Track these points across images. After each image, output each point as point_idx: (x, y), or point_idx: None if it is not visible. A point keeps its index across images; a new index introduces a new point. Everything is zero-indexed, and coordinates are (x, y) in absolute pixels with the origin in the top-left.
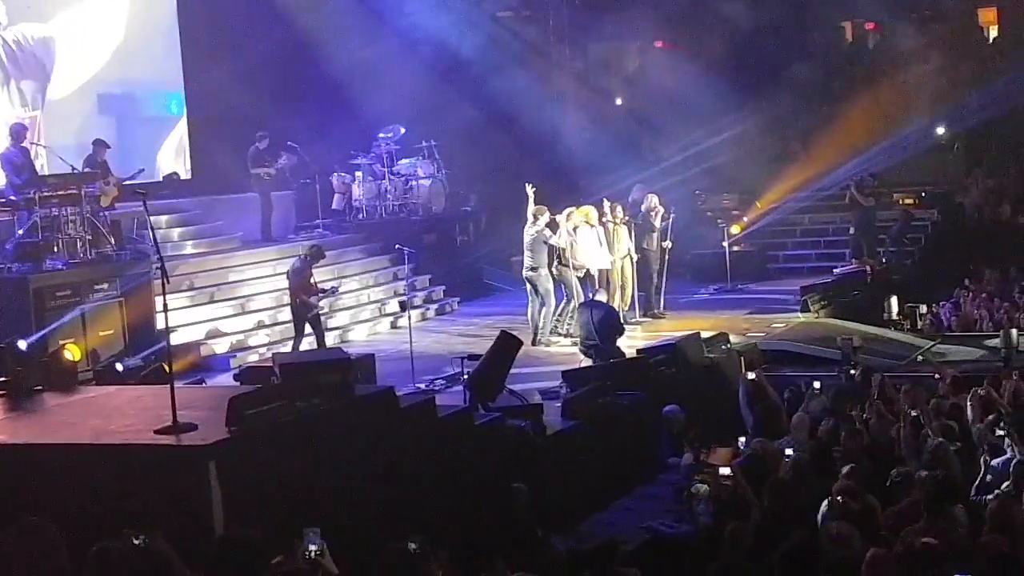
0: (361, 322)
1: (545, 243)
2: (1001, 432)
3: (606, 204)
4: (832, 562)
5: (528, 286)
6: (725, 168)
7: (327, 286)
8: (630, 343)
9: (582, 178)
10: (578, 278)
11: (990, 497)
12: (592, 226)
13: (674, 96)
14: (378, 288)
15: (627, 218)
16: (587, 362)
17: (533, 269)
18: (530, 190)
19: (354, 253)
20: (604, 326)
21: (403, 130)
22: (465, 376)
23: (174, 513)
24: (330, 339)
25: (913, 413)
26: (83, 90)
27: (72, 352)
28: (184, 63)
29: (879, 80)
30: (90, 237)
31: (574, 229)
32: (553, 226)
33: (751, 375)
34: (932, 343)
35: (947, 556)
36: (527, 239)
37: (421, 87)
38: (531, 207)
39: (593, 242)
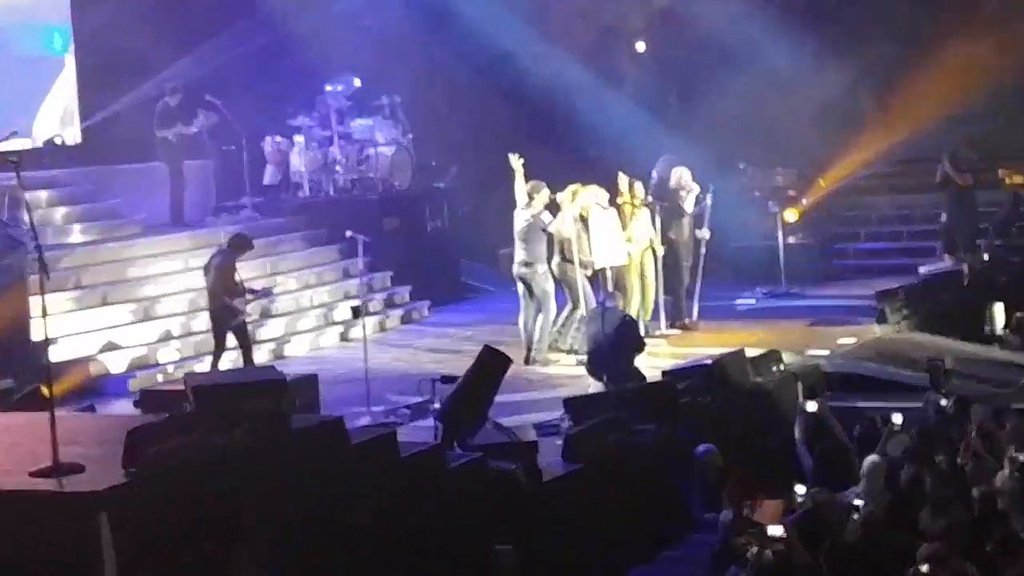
0: (302, 333)
1: (543, 231)
2: None
3: (622, 181)
4: None
5: (520, 287)
6: (779, 135)
7: (257, 286)
8: (652, 363)
9: (592, 148)
10: (586, 277)
11: None
12: (604, 209)
13: (712, 40)
14: (324, 288)
15: (649, 199)
16: (596, 387)
17: (527, 265)
18: (516, 161)
19: (293, 242)
20: (619, 340)
21: (358, 82)
22: (437, 405)
23: None
24: (260, 355)
25: (1022, 457)
26: None
27: None
28: None
29: (984, 23)
30: None
31: (580, 214)
32: (553, 209)
33: (811, 406)
34: None
35: None
36: (519, 226)
37: (384, 26)
38: (521, 184)
39: (606, 230)
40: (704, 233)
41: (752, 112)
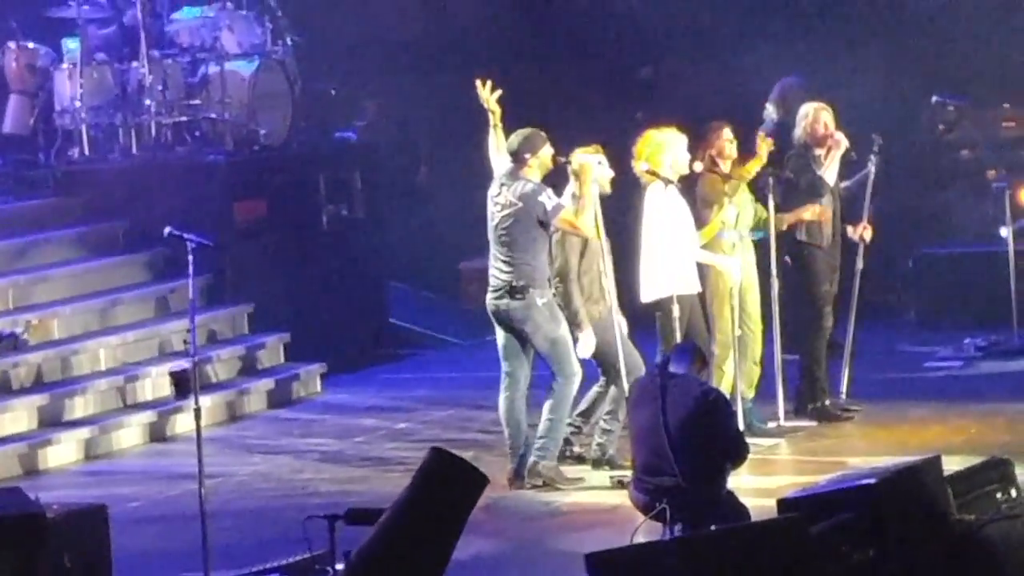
0: (77, 423)
1: (542, 226)
2: None
3: (717, 132)
4: None
5: (501, 336)
6: (1005, 48)
7: None
8: (762, 484)
9: (646, 56)
10: (620, 318)
11: None
12: (666, 187)
13: None
14: (119, 337)
15: (765, 167)
16: (651, 530)
17: (514, 293)
18: (487, 92)
19: (57, 246)
20: (695, 439)
21: None
22: (339, 567)
23: None
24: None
25: None
26: None
27: None
28: None
29: None
30: None
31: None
32: (562, 185)
33: None
34: None
35: None
36: (498, 217)
37: None
38: (498, 139)
39: (668, 229)
40: (865, 230)
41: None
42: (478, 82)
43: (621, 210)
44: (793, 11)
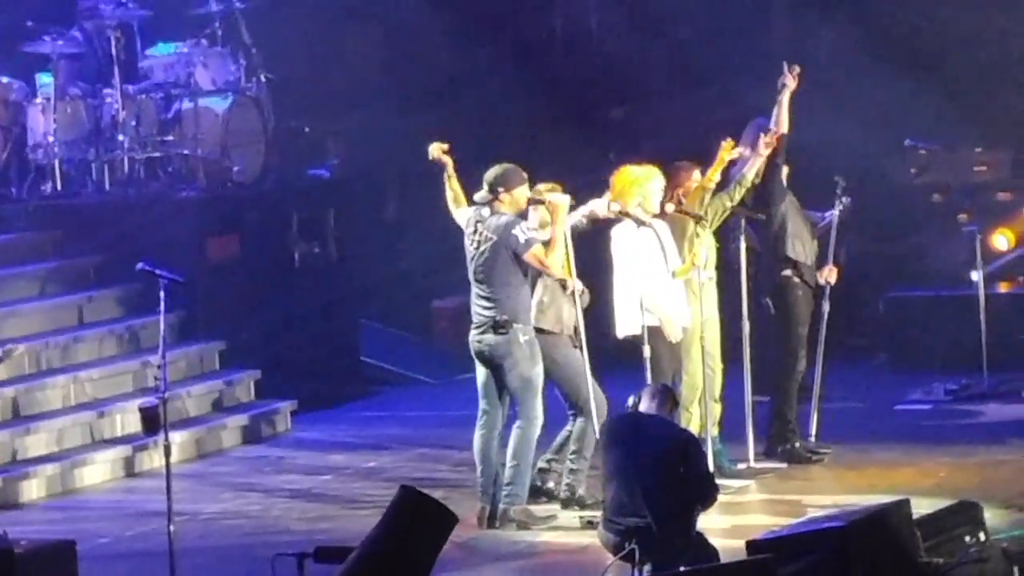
0: (46, 458)
1: (516, 260)
2: None
3: (684, 172)
4: None
5: (481, 374)
6: (985, 86)
7: None
8: (731, 524)
9: (618, 96)
10: (578, 350)
11: None
12: (643, 224)
13: None
14: (89, 373)
15: (728, 202)
16: (621, 570)
17: (496, 329)
18: (440, 152)
19: (27, 282)
20: (666, 479)
21: None
22: None
23: None
24: None
25: None
26: None
27: None
28: None
29: None
30: None
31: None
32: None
33: None
34: None
35: None
36: (474, 251)
37: None
38: (452, 193)
39: (647, 260)
40: (830, 273)
41: (931, 45)
42: (433, 147)
43: (597, 247)
44: (766, 52)
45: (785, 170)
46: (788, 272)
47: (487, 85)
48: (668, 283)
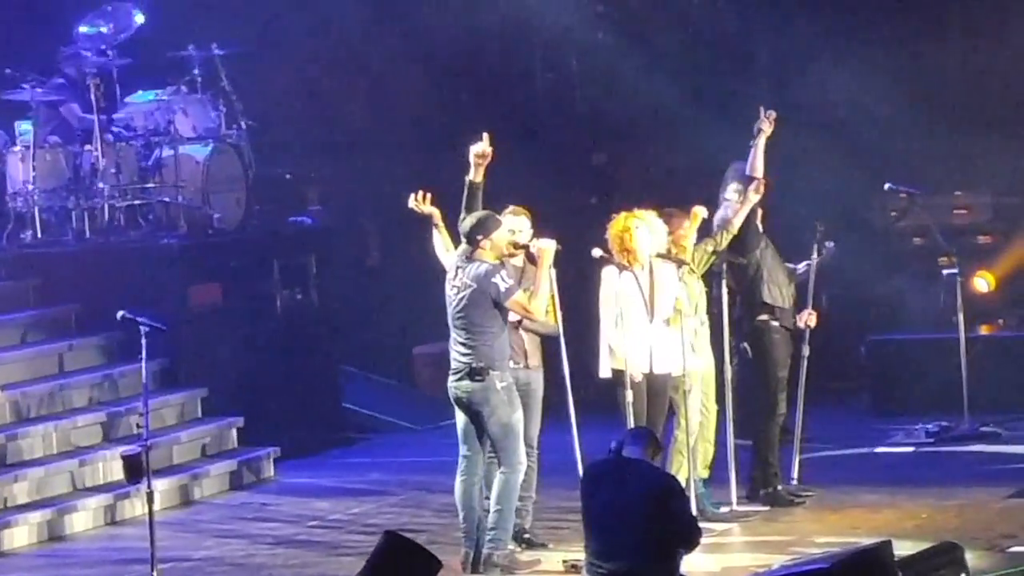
0: (28, 506)
1: (497, 308)
2: None
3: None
4: None
5: (460, 420)
6: (962, 131)
7: None
8: (715, 566)
9: (601, 140)
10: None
11: None
12: (622, 267)
13: None
14: (71, 421)
15: (713, 247)
16: None
17: (474, 375)
18: (424, 205)
19: (12, 329)
20: (649, 524)
21: (141, 18)
22: None
23: None
24: None
25: None
26: None
27: None
28: None
29: None
30: None
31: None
32: (520, 271)
33: None
34: None
35: None
36: (455, 299)
37: None
38: (443, 240)
39: (643, 303)
40: (809, 317)
41: (911, 89)
42: (412, 196)
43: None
44: (745, 96)
45: (759, 213)
46: (765, 316)
47: (470, 131)
48: (644, 328)
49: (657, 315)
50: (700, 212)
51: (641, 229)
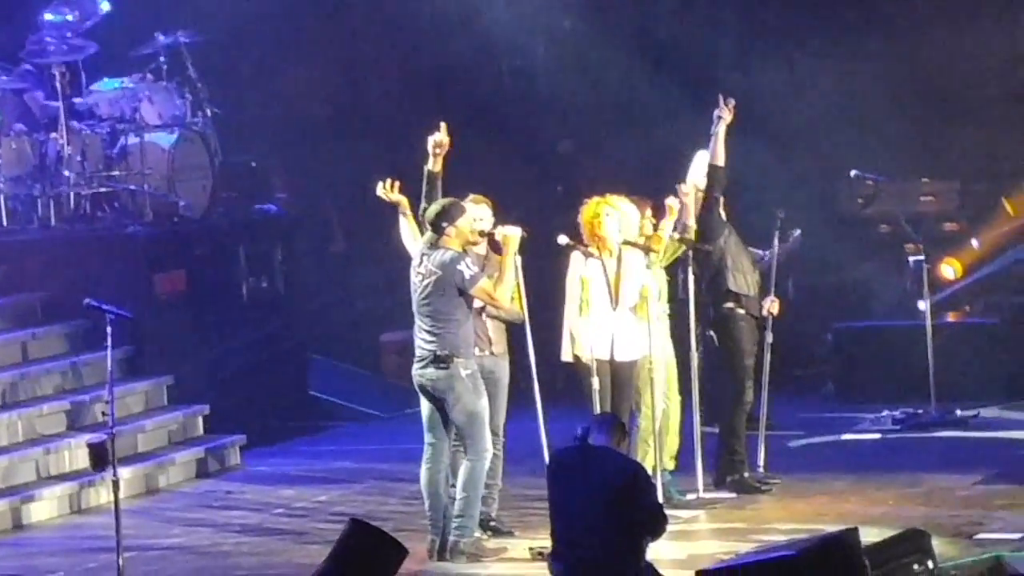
0: None
1: (462, 295)
2: None
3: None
4: None
5: (425, 408)
6: (929, 119)
7: None
8: (680, 554)
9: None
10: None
11: None
12: (588, 253)
13: None
14: (36, 409)
15: (677, 235)
16: None
17: (438, 363)
18: (391, 193)
19: None
20: (615, 511)
21: (106, 6)
22: None
23: None
24: None
25: None
26: None
27: None
28: None
29: None
30: None
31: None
32: (484, 259)
33: None
34: None
35: None
36: (420, 287)
37: None
38: (410, 227)
39: (607, 289)
40: (772, 304)
41: (879, 76)
42: (379, 184)
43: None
44: (710, 83)
45: (722, 201)
46: (731, 304)
47: (433, 119)
48: (607, 315)
49: (621, 303)
50: (674, 205)
51: (612, 216)
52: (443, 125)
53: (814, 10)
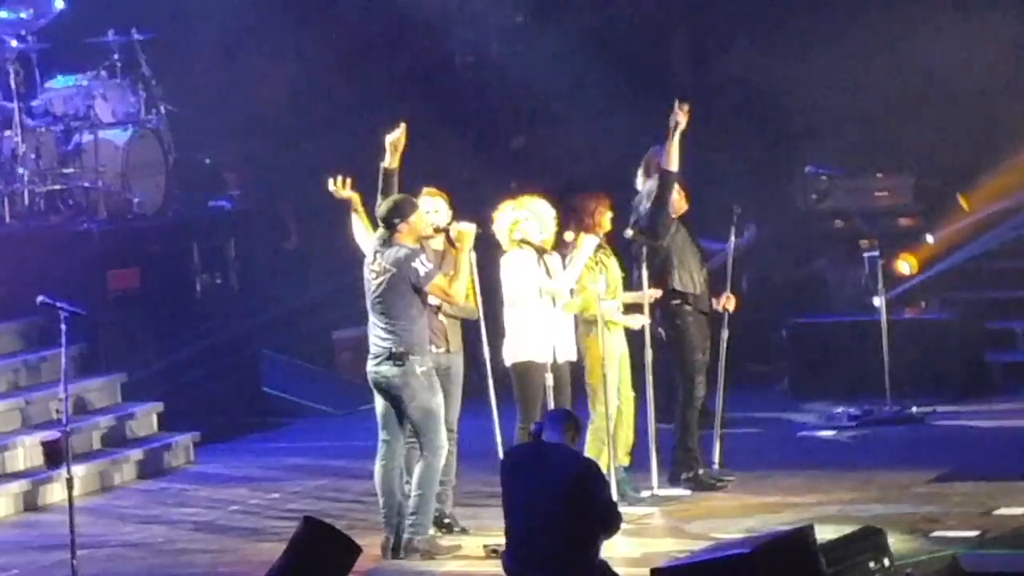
0: None
1: (416, 292)
2: None
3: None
4: None
5: (379, 404)
6: (883, 114)
7: None
8: (635, 552)
9: (519, 124)
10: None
11: None
12: (542, 252)
13: None
14: None
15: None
16: None
17: (393, 360)
18: (343, 190)
19: None
20: (568, 509)
21: (61, 3)
22: None
23: None
24: None
25: None
26: None
27: None
28: None
29: None
30: None
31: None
32: (441, 255)
33: None
34: None
35: None
36: (373, 284)
37: None
38: (362, 225)
39: (536, 288)
40: (728, 302)
41: (833, 72)
42: (331, 181)
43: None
44: (665, 79)
45: (681, 201)
46: (677, 301)
47: (387, 114)
48: (545, 315)
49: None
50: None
51: (530, 221)
52: (403, 125)
53: (769, 4)
